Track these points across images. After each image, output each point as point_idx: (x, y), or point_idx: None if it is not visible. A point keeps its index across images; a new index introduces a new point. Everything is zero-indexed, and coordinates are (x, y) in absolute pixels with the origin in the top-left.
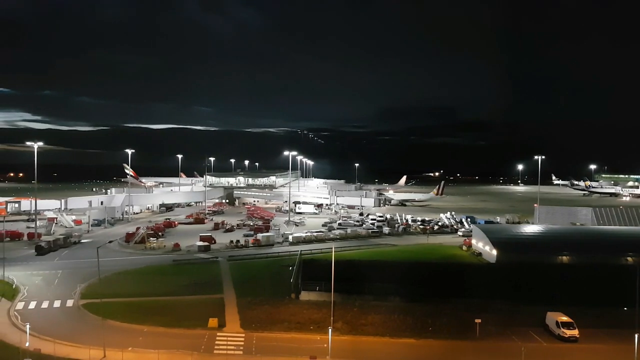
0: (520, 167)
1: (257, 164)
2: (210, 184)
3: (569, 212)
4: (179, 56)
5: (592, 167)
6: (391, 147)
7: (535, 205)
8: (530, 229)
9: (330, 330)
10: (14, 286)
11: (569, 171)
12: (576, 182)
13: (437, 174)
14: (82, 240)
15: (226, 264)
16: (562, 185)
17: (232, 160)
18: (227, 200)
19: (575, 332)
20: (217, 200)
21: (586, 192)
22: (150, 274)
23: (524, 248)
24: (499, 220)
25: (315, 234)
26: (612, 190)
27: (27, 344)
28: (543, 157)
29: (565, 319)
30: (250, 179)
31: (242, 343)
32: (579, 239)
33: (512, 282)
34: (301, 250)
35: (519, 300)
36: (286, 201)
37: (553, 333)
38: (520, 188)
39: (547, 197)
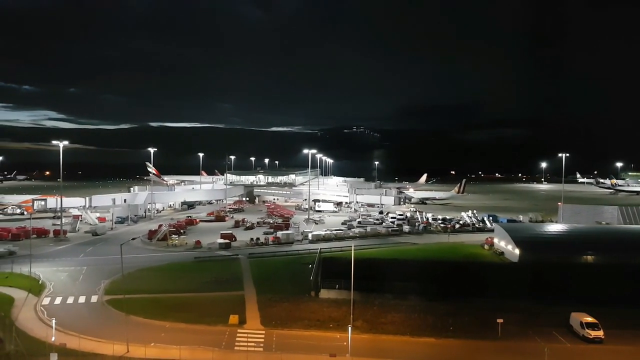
0: (543, 164)
1: (277, 162)
2: (231, 182)
3: (594, 211)
4: (203, 53)
5: (619, 164)
6: (412, 145)
7: (560, 203)
8: (554, 228)
9: (350, 328)
10: (40, 282)
11: (594, 169)
12: (602, 180)
13: (453, 172)
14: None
15: (246, 261)
16: (587, 183)
17: (252, 159)
18: (247, 198)
19: (600, 333)
20: (237, 198)
21: (612, 190)
22: (172, 270)
23: (548, 247)
24: (521, 219)
25: (334, 232)
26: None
27: (53, 339)
28: (567, 154)
29: (589, 319)
30: (270, 177)
31: (263, 340)
32: (605, 238)
33: (535, 281)
34: (321, 248)
35: (542, 300)
36: (306, 199)
37: (577, 334)
38: (544, 186)
39: (571, 196)
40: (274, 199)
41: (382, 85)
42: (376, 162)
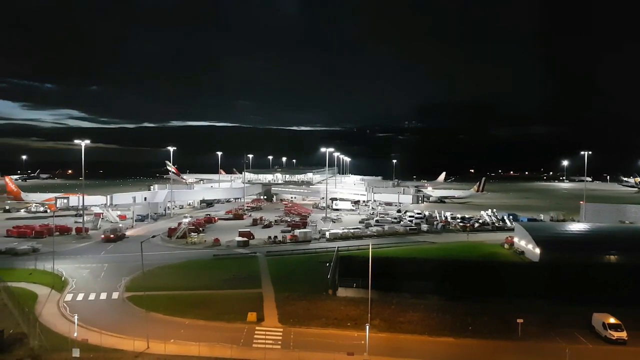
0: (565, 162)
1: (294, 160)
2: (249, 181)
3: (617, 210)
4: (225, 49)
5: None
6: (431, 143)
7: (582, 202)
8: (576, 227)
9: (367, 327)
10: (63, 278)
11: (616, 167)
12: (625, 179)
13: (472, 170)
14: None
15: (264, 259)
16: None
17: (270, 157)
18: (265, 197)
19: (623, 334)
20: (255, 197)
21: (636, 188)
22: (192, 268)
23: (569, 247)
24: (542, 218)
25: (352, 230)
26: None
27: (75, 334)
28: (590, 152)
29: (612, 320)
30: (287, 176)
31: (280, 338)
32: (628, 237)
33: (556, 281)
34: (338, 247)
35: (564, 301)
36: (323, 198)
37: (600, 335)
38: (565, 185)
39: (594, 194)
40: (292, 198)
41: (402, 83)
42: (394, 161)
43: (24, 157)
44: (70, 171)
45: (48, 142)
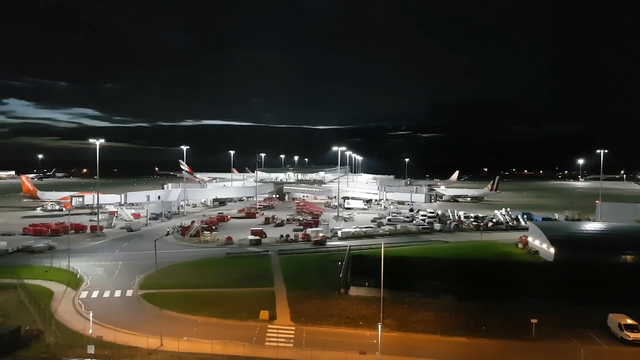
0: (580, 161)
1: (306, 159)
2: (261, 180)
3: (634, 209)
4: (235, 42)
5: None
6: (443, 142)
7: (597, 201)
8: (591, 226)
9: (379, 326)
10: (78, 276)
11: (634, 166)
12: None
13: (486, 169)
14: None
15: (276, 257)
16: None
17: (282, 156)
18: (277, 195)
19: (639, 335)
20: (267, 196)
21: None
22: (204, 266)
23: (584, 246)
24: (557, 217)
25: (364, 229)
26: None
27: (90, 331)
28: (606, 150)
29: (629, 321)
30: (299, 175)
31: (293, 336)
32: None
33: (571, 281)
34: (350, 246)
35: (579, 301)
36: (335, 196)
37: (615, 336)
38: (581, 183)
39: (610, 193)
40: (304, 196)
41: (415, 82)
42: (406, 159)
43: (40, 156)
44: (85, 170)
45: (63, 141)
